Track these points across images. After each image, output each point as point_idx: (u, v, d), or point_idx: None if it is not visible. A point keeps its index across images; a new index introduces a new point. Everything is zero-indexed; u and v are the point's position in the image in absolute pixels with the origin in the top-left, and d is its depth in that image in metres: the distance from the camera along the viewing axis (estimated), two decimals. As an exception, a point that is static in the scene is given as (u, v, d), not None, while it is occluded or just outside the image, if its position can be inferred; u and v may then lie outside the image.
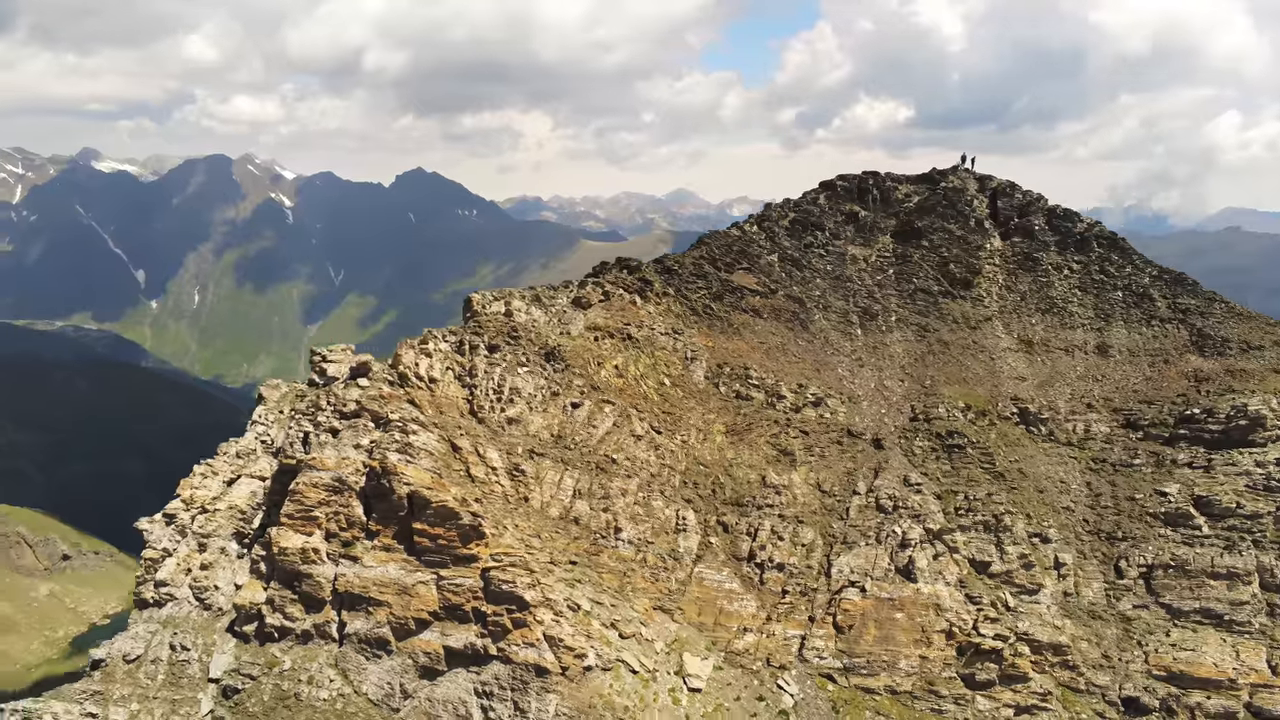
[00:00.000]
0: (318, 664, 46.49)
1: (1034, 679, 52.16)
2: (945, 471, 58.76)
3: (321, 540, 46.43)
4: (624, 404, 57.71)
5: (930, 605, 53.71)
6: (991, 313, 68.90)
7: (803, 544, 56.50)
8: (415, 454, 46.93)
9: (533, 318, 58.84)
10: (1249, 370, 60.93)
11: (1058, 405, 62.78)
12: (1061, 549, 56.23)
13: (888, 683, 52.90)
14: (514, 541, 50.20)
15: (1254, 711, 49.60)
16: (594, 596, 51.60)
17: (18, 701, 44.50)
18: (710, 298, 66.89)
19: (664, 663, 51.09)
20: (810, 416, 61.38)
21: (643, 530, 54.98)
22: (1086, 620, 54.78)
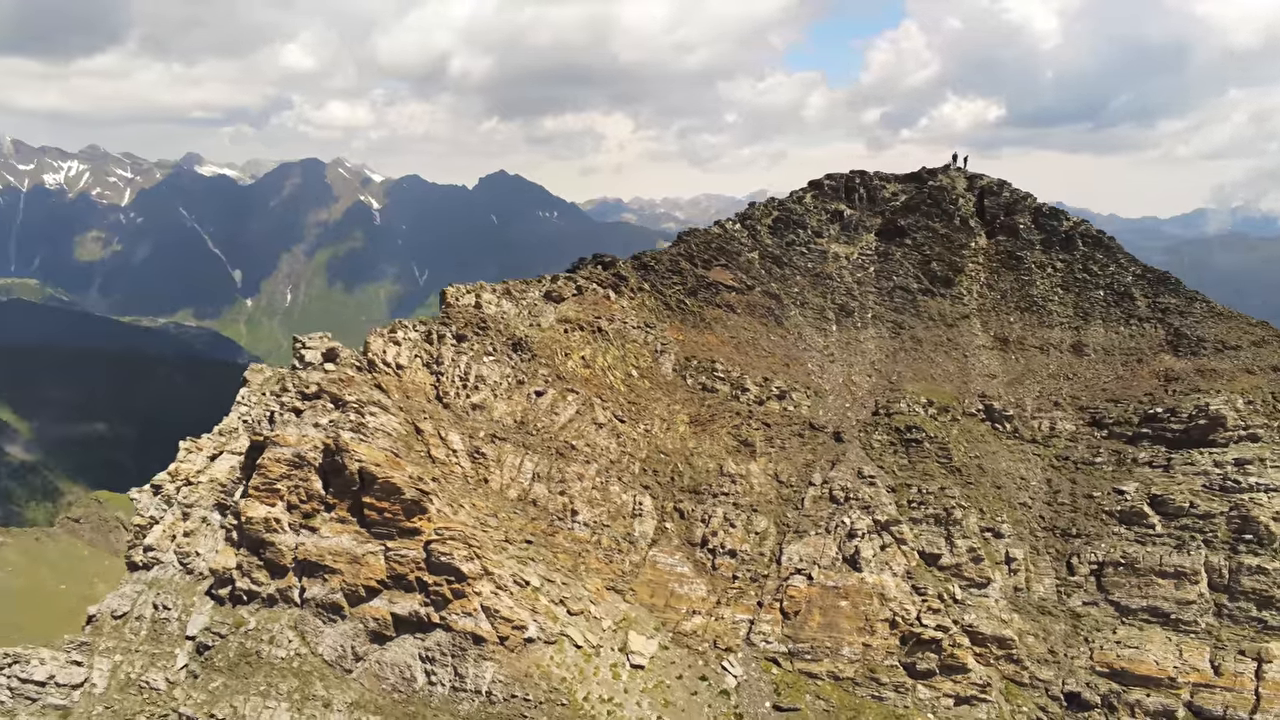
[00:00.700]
0: (279, 625, 50.26)
1: (974, 670, 52.75)
2: (901, 465, 59.53)
3: (284, 511, 50.21)
4: (588, 393, 60.24)
5: (875, 594, 54.73)
6: (970, 310, 69.10)
7: (756, 532, 58.12)
8: (370, 434, 50.36)
9: (502, 310, 61.85)
10: (1219, 370, 59.94)
11: (1025, 403, 62.79)
12: (1014, 544, 56.53)
13: (830, 668, 54.13)
14: (468, 519, 53.31)
15: (1194, 711, 49.24)
16: (546, 574, 54.26)
17: (11, 648, 49.39)
18: (685, 293, 68.88)
19: (609, 639, 53.38)
20: (774, 409, 62.85)
21: (598, 514, 57.40)
22: (1035, 615, 55.01)
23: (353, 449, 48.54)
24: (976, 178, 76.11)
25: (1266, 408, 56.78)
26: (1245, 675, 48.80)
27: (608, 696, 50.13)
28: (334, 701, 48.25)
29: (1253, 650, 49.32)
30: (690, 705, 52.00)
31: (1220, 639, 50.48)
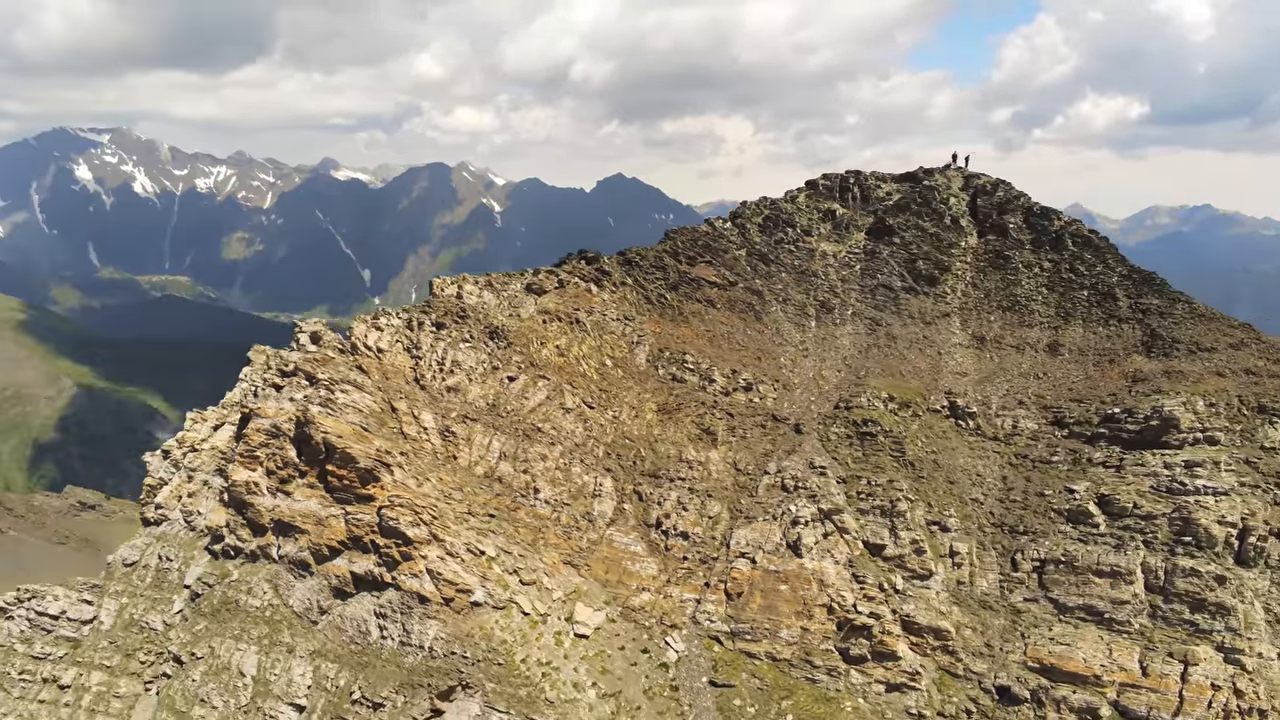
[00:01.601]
0: (257, 578, 55.92)
1: (905, 658, 53.78)
2: (856, 457, 60.70)
3: (263, 476, 55.85)
4: (559, 380, 63.92)
5: (814, 580, 56.36)
6: (951, 309, 69.21)
7: (709, 516, 60.52)
8: (338, 408, 55.46)
9: (483, 300, 66.22)
10: (1187, 371, 58.48)
11: (991, 400, 62.75)
12: (960, 539, 57.04)
13: (769, 649, 56.07)
14: (432, 491, 57.83)
15: (1120, 710, 48.99)
16: (504, 546, 58.20)
17: (31, 585, 56.77)
18: (666, 287, 71.59)
19: (557, 609, 56.84)
20: (739, 400, 64.98)
21: (559, 492, 60.98)
22: (976, 609, 55.48)
23: (318, 421, 53.72)
24: (974, 177, 75.91)
25: (1230, 411, 55.40)
26: (1171, 677, 48.31)
27: (546, 660, 53.61)
28: (297, 648, 53.55)
29: (1180, 653, 48.72)
30: (628, 675, 54.97)
31: (1152, 640, 50.01)
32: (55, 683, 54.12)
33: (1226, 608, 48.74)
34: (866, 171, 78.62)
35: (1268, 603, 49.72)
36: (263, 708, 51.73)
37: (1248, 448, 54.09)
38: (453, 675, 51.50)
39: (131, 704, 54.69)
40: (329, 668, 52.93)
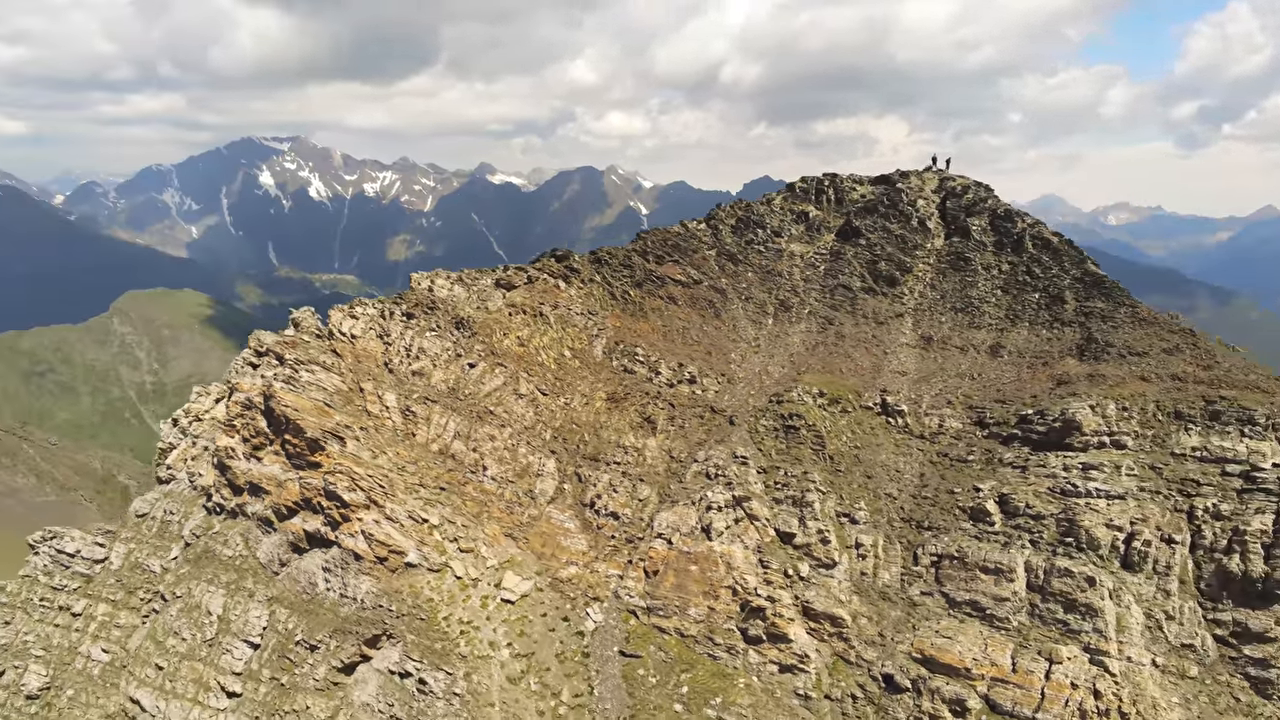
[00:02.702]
0: (233, 532, 63.92)
1: (796, 641, 56.03)
2: (779, 449, 62.90)
3: (239, 443, 63.80)
4: (515, 368, 69.24)
5: (722, 563, 59.29)
6: (906, 309, 69.89)
7: (639, 499, 64.34)
8: (301, 385, 62.75)
9: (453, 293, 72.26)
10: (1110, 375, 57.45)
11: (922, 399, 63.41)
12: (867, 531, 58.55)
13: (678, 625, 59.44)
14: (386, 463, 64.36)
15: (989, 703, 49.82)
16: (449, 516, 64.01)
17: (54, 527, 66.85)
18: (631, 284, 75.40)
19: (489, 576, 62.12)
20: (683, 392, 68.27)
21: (505, 470, 66.28)
22: (875, 600, 57.02)
23: (279, 396, 61.10)
24: (948, 180, 75.90)
25: (1144, 416, 54.51)
26: (1036, 674, 48.78)
27: (468, 620, 59.03)
28: (257, 594, 61.06)
29: (1047, 651, 49.09)
30: (544, 639, 59.64)
31: (1027, 638, 50.50)
32: (68, 610, 63.89)
33: (1095, 610, 48.79)
34: (844, 175, 79.92)
35: (1149, 608, 49.38)
36: (222, 643, 59.53)
37: (1156, 453, 53.36)
38: (379, 626, 57.70)
39: (129, 633, 63.76)
40: (282, 613, 60.17)
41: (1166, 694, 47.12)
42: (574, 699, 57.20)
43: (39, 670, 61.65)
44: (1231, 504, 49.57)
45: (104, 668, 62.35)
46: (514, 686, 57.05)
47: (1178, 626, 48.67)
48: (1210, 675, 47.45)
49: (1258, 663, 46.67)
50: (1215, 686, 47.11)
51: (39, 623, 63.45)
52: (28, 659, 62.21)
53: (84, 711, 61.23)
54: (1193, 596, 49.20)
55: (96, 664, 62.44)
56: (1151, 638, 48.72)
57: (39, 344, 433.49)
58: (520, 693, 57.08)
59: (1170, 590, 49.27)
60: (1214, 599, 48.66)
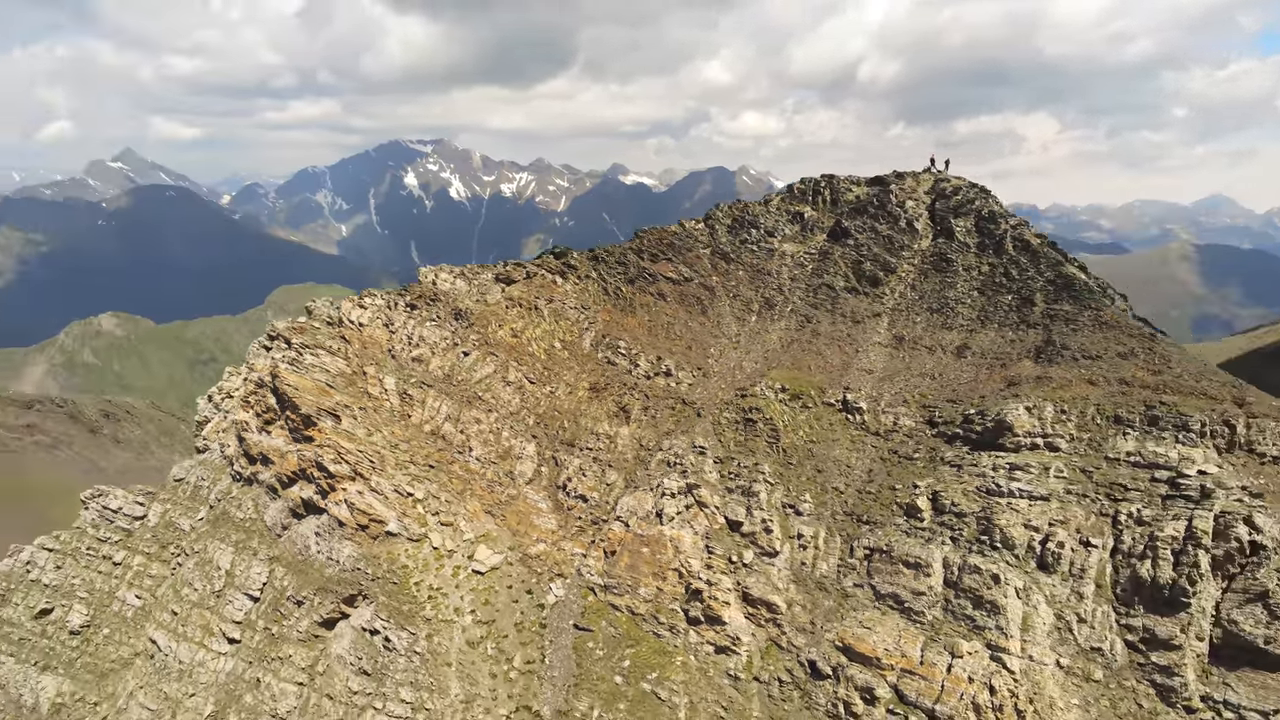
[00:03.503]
0: (246, 497, 71.27)
1: (730, 623, 58.41)
2: (737, 441, 65.02)
3: (253, 418, 71.04)
4: (506, 357, 73.95)
5: (671, 546, 62.18)
6: (884, 309, 70.37)
7: (606, 483, 67.89)
8: (305, 367, 69.31)
9: (455, 287, 77.51)
10: (1058, 378, 56.65)
11: (882, 397, 64.09)
12: (810, 523, 60.14)
13: (629, 603, 62.74)
14: (381, 441, 70.25)
15: (898, 693, 51.01)
16: (434, 492, 69.38)
17: (101, 486, 75.96)
18: (624, 281, 78.62)
19: (464, 549, 67.08)
20: (658, 384, 71.19)
21: (489, 452, 71.08)
22: (812, 589, 58.69)
23: (283, 375, 67.86)
24: (943, 181, 75.61)
25: (1082, 419, 53.95)
26: (939, 667, 49.68)
27: (437, 586, 64.17)
28: (260, 553, 68.04)
29: (951, 645, 49.88)
30: (506, 609, 64.10)
31: (938, 631, 51.36)
32: (109, 559, 72.80)
33: (999, 607, 49.28)
34: (841, 176, 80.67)
35: (1061, 610, 49.46)
36: (227, 594, 66.79)
37: (1090, 456, 52.98)
38: (356, 587, 63.58)
39: (159, 583, 72.10)
40: (280, 571, 66.93)
41: (1067, 695, 47.31)
42: (525, 665, 61.45)
43: (81, 610, 70.66)
44: (1154, 510, 49.02)
45: (135, 611, 70.84)
46: (471, 650, 61.76)
47: (1089, 629, 48.61)
48: (1116, 680, 47.28)
49: (1163, 670, 46.25)
50: (1120, 691, 46.96)
51: (84, 569, 72.57)
52: (73, 599, 71.36)
53: (116, 648, 69.84)
54: (1108, 601, 48.97)
55: (130, 608, 70.98)
56: (1060, 639, 48.82)
57: (202, 334, 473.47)
58: (476, 656, 61.75)
59: (1084, 593, 49.20)
60: (1128, 604, 48.35)
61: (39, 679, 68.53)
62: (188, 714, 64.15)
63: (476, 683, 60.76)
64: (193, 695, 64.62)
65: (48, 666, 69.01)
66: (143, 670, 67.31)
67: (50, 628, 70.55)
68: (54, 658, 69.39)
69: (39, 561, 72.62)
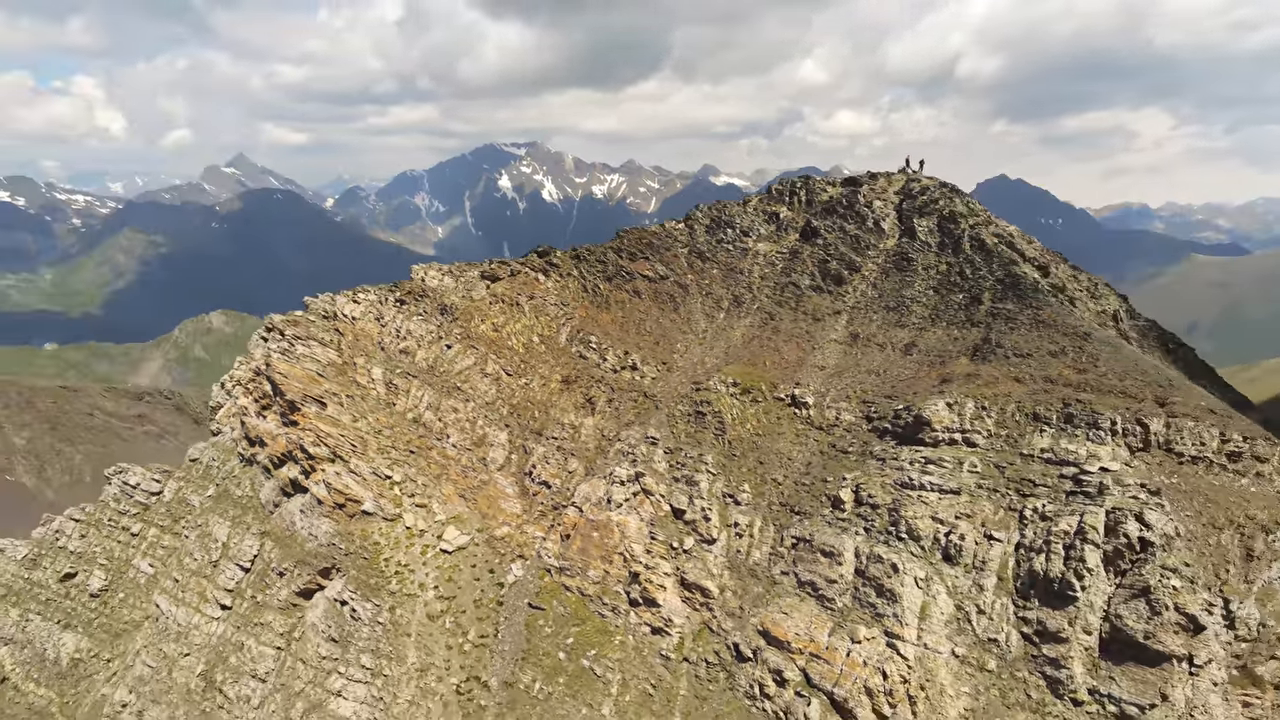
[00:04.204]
0: (245, 477, 77.23)
1: (664, 606, 61.08)
2: (687, 433, 67.39)
3: (252, 403, 76.95)
4: (486, 350, 78.07)
5: (617, 531, 65.14)
6: (844, 307, 71.52)
7: (568, 470, 71.27)
8: (296, 357, 74.77)
9: (443, 283, 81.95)
10: (985, 374, 57.10)
11: (828, 393, 65.47)
12: (747, 513, 62.20)
13: (579, 584, 66.00)
14: (366, 426, 75.25)
15: (806, 676, 52.90)
16: (411, 475, 74.02)
17: (122, 463, 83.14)
18: (603, 279, 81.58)
19: (434, 529, 71.44)
20: (624, 378, 74.06)
21: (464, 439, 75.29)
22: (744, 576, 60.84)
23: (274, 364, 73.47)
24: (914, 182, 76.15)
25: (1002, 415, 54.60)
26: (840, 652, 51.39)
27: (405, 563, 68.68)
28: (253, 527, 73.83)
29: (852, 631, 51.50)
30: (468, 586, 68.17)
31: (845, 618, 53.01)
32: (128, 530, 79.87)
33: (896, 596, 50.70)
34: (818, 177, 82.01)
35: (962, 601, 50.59)
36: (221, 565, 72.78)
37: (1005, 452, 53.76)
38: (330, 560, 68.62)
39: (170, 553, 78.78)
40: (269, 544, 72.56)
41: (958, 683, 48.55)
42: (479, 639, 65.42)
43: (100, 575, 77.84)
44: (1057, 505, 49.74)
45: (147, 578, 77.63)
46: (431, 623, 66.04)
47: (987, 621, 49.66)
48: (1009, 670, 48.26)
49: (1052, 662, 47.07)
50: (1011, 681, 47.94)
51: (105, 538, 79.83)
52: (94, 565, 78.65)
53: (129, 611, 76.74)
54: (1009, 594, 49.89)
55: (143, 575, 77.83)
56: (959, 628, 50.00)
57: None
58: (435, 629, 65.99)
59: (985, 585, 50.25)
60: (1026, 597, 49.23)
61: (61, 636, 75.96)
62: (182, 672, 70.38)
63: (432, 653, 65.01)
64: (187, 655, 70.81)
65: (69, 625, 76.41)
66: (149, 632, 73.93)
67: (73, 590, 77.99)
68: (74, 617, 76.75)
69: (66, 530, 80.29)
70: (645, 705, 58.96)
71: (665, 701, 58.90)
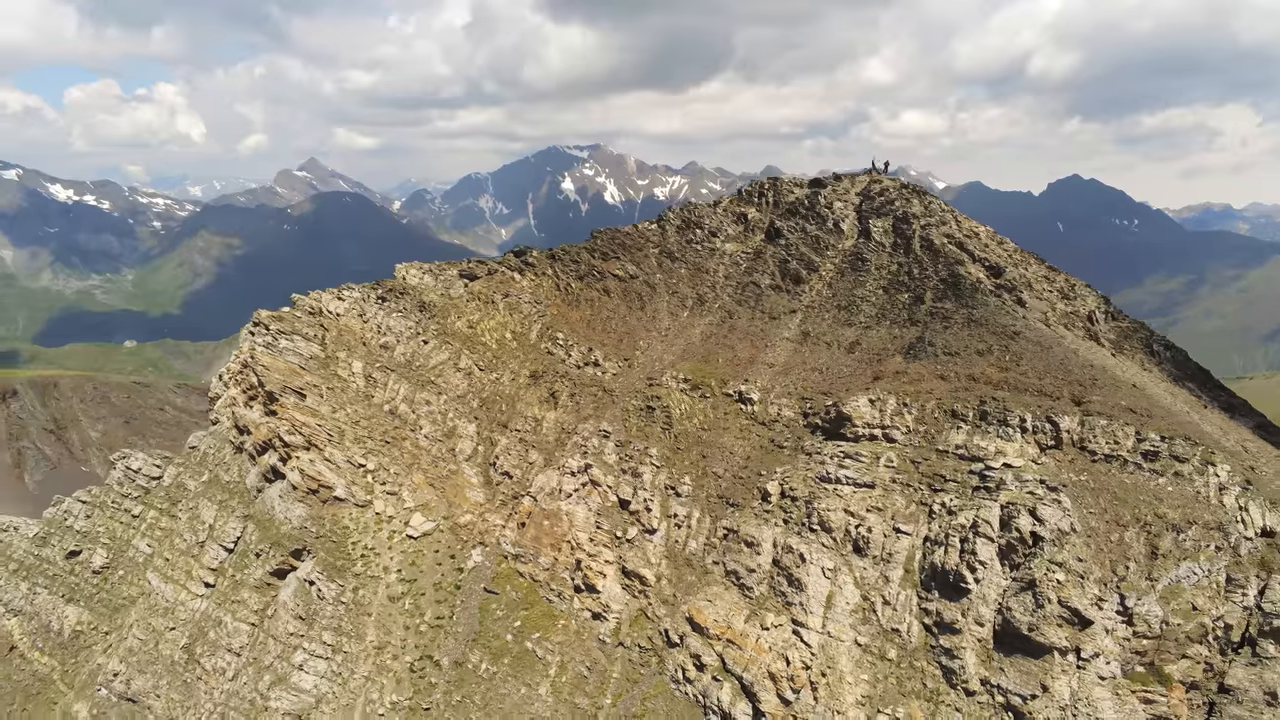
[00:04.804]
0: (234, 464, 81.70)
1: (603, 592, 63.44)
2: (638, 426, 69.48)
3: (240, 394, 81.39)
4: (459, 346, 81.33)
5: (567, 520, 67.69)
6: (800, 306, 72.83)
7: (529, 462, 74.06)
8: (279, 351, 78.94)
9: (423, 282, 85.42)
10: (913, 372, 58.07)
11: (773, 390, 66.94)
12: (686, 504, 64.17)
13: (531, 570, 68.75)
14: (344, 417, 79.08)
15: (722, 660, 54.74)
16: (385, 464, 77.61)
17: (126, 449, 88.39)
18: (575, 278, 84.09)
19: (403, 515, 74.86)
20: (587, 373, 76.52)
21: (436, 431, 78.60)
22: (680, 565, 62.87)
23: (257, 358, 77.75)
24: (876, 183, 76.98)
25: (922, 412, 55.65)
26: (750, 638, 53.18)
27: (371, 547, 72.24)
28: (237, 511, 78.20)
29: (763, 618, 53.19)
30: (429, 570, 71.40)
31: (761, 605, 54.74)
32: (129, 512, 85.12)
33: (803, 585, 52.26)
34: (786, 179, 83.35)
35: (868, 592, 51.96)
36: (207, 545, 77.31)
37: (923, 448, 54.88)
38: (301, 543, 72.51)
39: (168, 533, 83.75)
40: (251, 527, 76.83)
41: (858, 670, 49.99)
42: (435, 620, 68.55)
43: (102, 553, 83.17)
44: (962, 500, 50.82)
45: (145, 557, 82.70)
46: (391, 604, 69.43)
47: (891, 611, 50.99)
48: (909, 660, 49.55)
49: (948, 652, 48.29)
50: (909, 670, 49.24)
51: (109, 519, 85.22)
52: (97, 544, 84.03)
53: (127, 587, 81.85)
54: (914, 586, 51.17)
55: (141, 554, 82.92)
56: (864, 618, 51.40)
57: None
58: (395, 609, 69.34)
59: (891, 577, 51.55)
60: (929, 589, 50.45)
61: (64, 609, 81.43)
62: (167, 645, 75.06)
63: (390, 632, 68.40)
64: (173, 629, 75.47)
65: (72, 599, 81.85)
66: (141, 607, 78.91)
67: (77, 567, 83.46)
68: (77, 592, 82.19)
69: (74, 511, 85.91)
70: (579, 686, 61.44)
71: (599, 683, 61.31)
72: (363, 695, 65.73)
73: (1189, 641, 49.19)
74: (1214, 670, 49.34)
